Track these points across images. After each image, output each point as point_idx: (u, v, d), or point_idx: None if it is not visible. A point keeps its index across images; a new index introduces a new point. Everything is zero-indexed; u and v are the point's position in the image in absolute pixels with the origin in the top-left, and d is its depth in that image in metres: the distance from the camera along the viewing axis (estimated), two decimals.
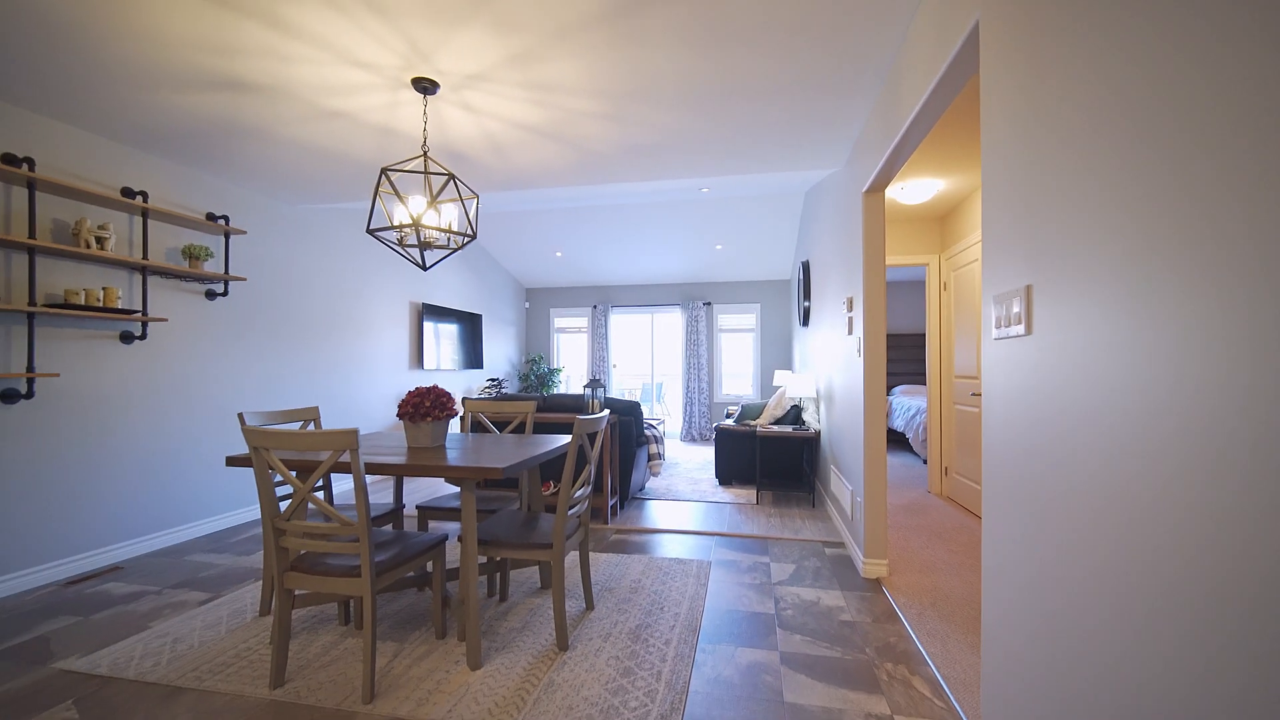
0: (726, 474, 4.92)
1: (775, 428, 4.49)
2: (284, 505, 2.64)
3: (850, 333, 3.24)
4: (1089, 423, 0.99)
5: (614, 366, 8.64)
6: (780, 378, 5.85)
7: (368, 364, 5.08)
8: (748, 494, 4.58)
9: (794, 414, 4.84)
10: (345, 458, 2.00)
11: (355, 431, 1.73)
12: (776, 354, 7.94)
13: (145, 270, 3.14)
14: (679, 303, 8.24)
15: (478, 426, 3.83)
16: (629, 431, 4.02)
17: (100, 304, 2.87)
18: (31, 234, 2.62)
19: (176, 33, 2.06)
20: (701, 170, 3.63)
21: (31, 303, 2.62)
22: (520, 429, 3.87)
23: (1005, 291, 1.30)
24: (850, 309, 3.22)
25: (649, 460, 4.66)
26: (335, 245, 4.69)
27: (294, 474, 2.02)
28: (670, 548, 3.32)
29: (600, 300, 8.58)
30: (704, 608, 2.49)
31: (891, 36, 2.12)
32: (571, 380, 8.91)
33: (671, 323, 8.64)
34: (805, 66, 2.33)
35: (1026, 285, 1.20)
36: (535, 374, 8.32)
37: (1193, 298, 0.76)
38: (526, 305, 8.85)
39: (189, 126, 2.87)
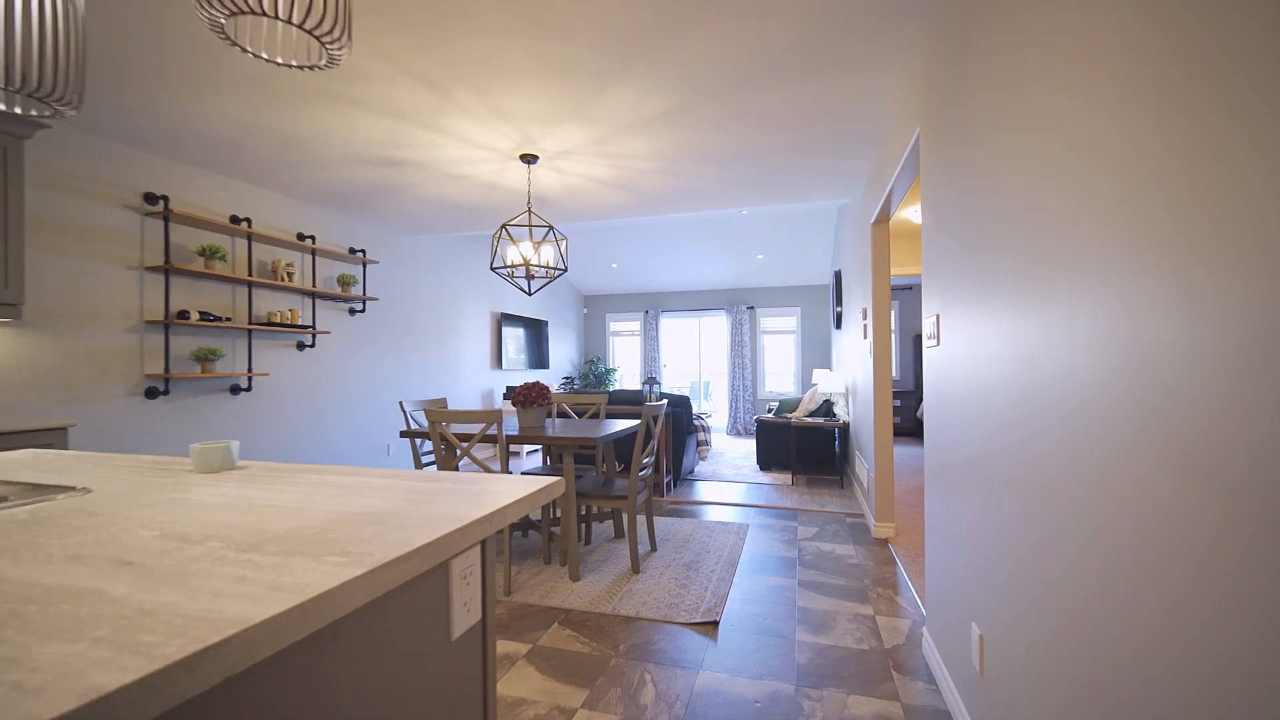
0: (766, 460, 5.60)
1: (809, 419, 5.15)
2: (431, 467, 3.53)
3: (865, 337, 3.88)
4: (964, 399, 1.68)
5: (664, 366, 9.42)
6: (818, 376, 6.45)
7: (461, 363, 6.06)
8: (784, 477, 5.26)
9: (826, 407, 5.47)
10: (491, 430, 2.86)
11: (500, 411, 2.57)
12: (816, 354, 8.50)
13: (314, 295, 4.16)
14: (724, 307, 8.92)
15: (561, 414, 4.69)
16: (681, 421, 4.78)
17: (289, 321, 3.88)
18: (250, 272, 3.64)
19: (366, 135, 2.98)
20: (737, 202, 4.35)
21: (250, 322, 3.63)
22: (595, 415, 4.69)
23: (929, 317, 1.99)
24: (865, 318, 3.87)
25: (698, 446, 5.41)
26: (438, 267, 5.68)
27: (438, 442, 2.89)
28: (715, 515, 4.06)
29: (651, 306, 9.37)
30: (742, 553, 3.23)
31: (875, 115, 2.79)
32: (625, 379, 9.74)
33: (717, 325, 9.34)
34: (821, 133, 3.03)
35: (937, 314, 1.89)
36: (593, 373, 9.20)
37: (1013, 320, 1.46)
38: (585, 311, 9.75)
39: (350, 188, 3.84)
